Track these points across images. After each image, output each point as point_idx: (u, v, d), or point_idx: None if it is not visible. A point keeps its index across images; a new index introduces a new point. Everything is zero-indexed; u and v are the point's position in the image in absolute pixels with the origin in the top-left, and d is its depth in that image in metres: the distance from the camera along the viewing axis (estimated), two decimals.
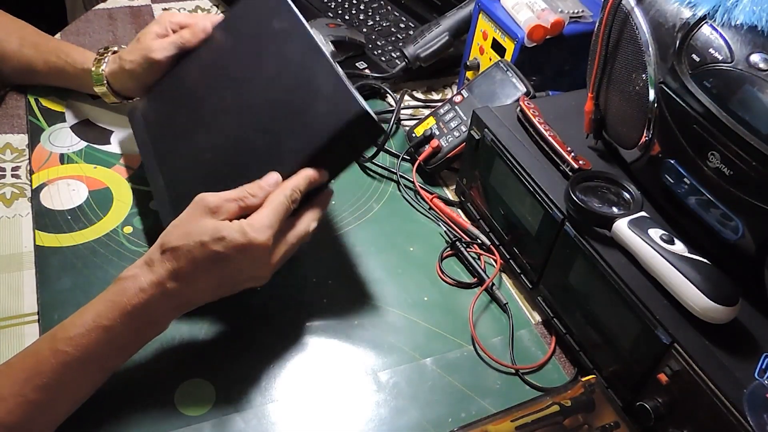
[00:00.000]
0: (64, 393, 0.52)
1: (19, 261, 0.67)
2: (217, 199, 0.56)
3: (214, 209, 0.56)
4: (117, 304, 0.52)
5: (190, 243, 0.54)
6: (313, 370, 0.62)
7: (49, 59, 0.82)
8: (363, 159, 0.84)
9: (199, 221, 0.55)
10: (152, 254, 0.55)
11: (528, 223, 0.67)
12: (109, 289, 0.54)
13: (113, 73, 0.78)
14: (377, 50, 1.03)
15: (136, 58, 0.76)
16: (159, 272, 0.53)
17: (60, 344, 0.51)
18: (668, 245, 0.54)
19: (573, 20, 0.82)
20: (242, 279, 0.58)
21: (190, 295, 0.55)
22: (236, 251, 0.54)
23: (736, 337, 0.52)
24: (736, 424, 0.47)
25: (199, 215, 0.56)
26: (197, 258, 0.54)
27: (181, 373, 0.60)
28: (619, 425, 0.55)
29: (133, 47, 0.77)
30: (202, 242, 0.53)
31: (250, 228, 0.55)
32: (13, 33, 0.83)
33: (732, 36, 0.51)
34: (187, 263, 0.54)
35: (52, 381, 0.51)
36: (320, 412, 0.59)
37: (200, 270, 0.54)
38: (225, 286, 0.57)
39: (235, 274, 0.57)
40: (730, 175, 0.51)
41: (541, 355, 0.66)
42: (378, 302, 0.69)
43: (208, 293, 0.57)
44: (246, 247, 0.54)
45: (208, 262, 0.54)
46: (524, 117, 0.70)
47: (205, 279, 0.55)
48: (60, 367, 0.51)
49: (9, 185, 0.75)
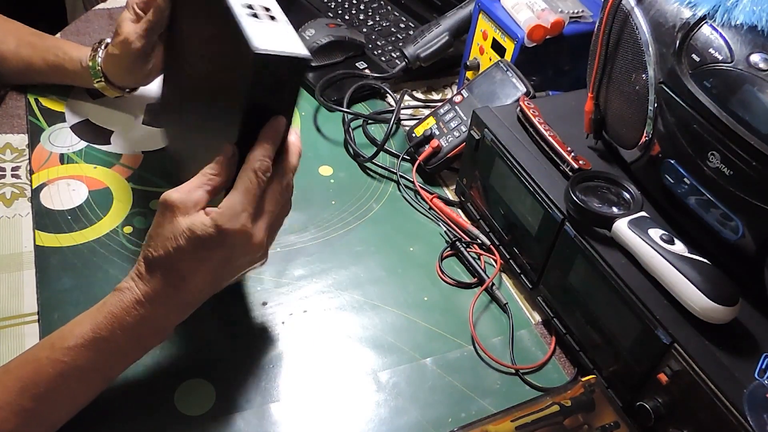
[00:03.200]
0: (61, 402, 0.52)
1: (19, 261, 0.67)
2: (180, 194, 0.53)
3: (181, 206, 0.53)
4: (116, 317, 0.51)
5: (169, 249, 0.52)
6: (313, 370, 0.62)
7: (47, 57, 0.82)
8: (363, 159, 0.84)
9: (170, 224, 0.53)
10: (139, 267, 0.54)
11: (528, 223, 0.67)
12: (107, 299, 0.53)
13: (106, 65, 0.78)
14: (377, 50, 1.03)
15: (119, 50, 0.75)
16: (151, 284, 0.52)
17: (58, 354, 0.50)
18: (668, 245, 0.54)
19: (573, 20, 0.82)
20: (236, 266, 0.56)
21: (188, 297, 0.54)
22: (214, 245, 0.52)
23: (736, 337, 0.52)
24: (736, 424, 0.47)
25: (169, 217, 0.53)
26: (180, 262, 0.52)
27: (181, 373, 0.60)
28: (619, 425, 0.55)
29: (115, 38, 0.76)
30: (178, 246, 0.52)
31: (221, 217, 0.52)
32: (9, 33, 0.83)
33: (732, 36, 0.51)
34: (174, 270, 0.52)
35: (50, 390, 0.50)
36: (320, 412, 0.59)
37: (188, 272, 0.53)
38: (222, 278, 0.56)
39: (224, 265, 0.55)
40: (730, 175, 0.51)
41: (541, 355, 0.66)
42: (378, 302, 0.69)
43: (206, 290, 0.55)
44: (222, 238, 0.52)
45: (193, 262, 0.52)
46: (524, 117, 0.70)
47: (197, 278, 0.53)
48: (58, 377, 0.50)
49: (9, 185, 0.75)
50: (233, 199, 0.53)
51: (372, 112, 0.92)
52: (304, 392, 0.60)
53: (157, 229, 0.53)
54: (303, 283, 0.70)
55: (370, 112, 0.92)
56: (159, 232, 0.53)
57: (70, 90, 0.87)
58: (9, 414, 0.49)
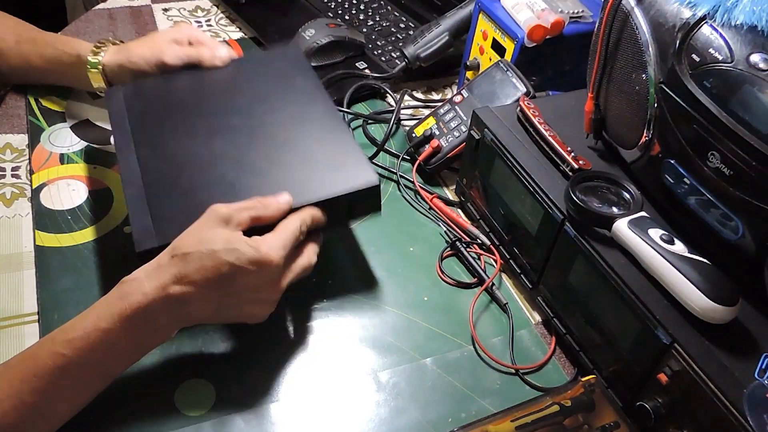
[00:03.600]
0: (61, 397, 0.52)
1: (19, 261, 0.67)
2: (229, 209, 0.56)
3: (226, 218, 0.55)
4: (117, 307, 0.52)
5: (201, 250, 0.53)
6: (313, 370, 0.62)
7: (46, 52, 0.81)
8: None
9: (212, 229, 0.54)
10: (161, 258, 0.54)
11: (528, 223, 0.67)
12: (112, 291, 0.53)
13: (115, 63, 0.77)
14: (377, 50, 1.03)
15: (147, 56, 0.75)
16: (164, 276, 0.53)
17: (58, 347, 0.51)
18: (668, 245, 0.54)
19: (573, 20, 0.82)
20: (247, 299, 0.56)
21: (191, 305, 0.54)
22: (248, 264, 0.53)
23: (736, 337, 0.52)
24: (736, 424, 0.47)
25: (212, 224, 0.55)
26: (206, 266, 0.53)
27: (181, 373, 0.60)
28: (619, 425, 0.55)
29: (145, 45, 0.76)
30: (213, 250, 0.53)
31: (264, 245, 0.54)
32: (9, 30, 0.83)
33: (732, 36, 0.51)
34: (195, 270, 0.53)
35: (50, 384, 0.50)
36: (320, 412, 0.59)
37: (207, 279, 0.53)
38: (229, 305, 0.56)
39: (241, 291, 0.55)
40: (730, 175, 0.51)
41: (541, 355, 0.66)
42: (378, 302, 0.69)
43: (210, 308, 0.55)
44: (259, 262, 0.53)
45: (217, 272, 0.53)
46: (524, 117, 0.70)
47: (210, 290, 0.53)
48: (57, 371, 0.50)
49: (9, 185, 0.75)
50: (278, 235, 0.56)
51: (372, 112, 0.92)
52: (304, 392, 0.60)
53: (198, 229, 0.55)
54: (303, 283, 0.70)
55: (370, 112, 0.92)
56: (199, 231, 0.55)
57: (70, 90, 0.87)
58: (9, 408, 0.49)
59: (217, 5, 1.13)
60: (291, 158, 0.66)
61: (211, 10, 1.12)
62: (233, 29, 1.07)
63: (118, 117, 0.70)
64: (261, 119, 0.70)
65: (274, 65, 0.78)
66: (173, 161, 0.66)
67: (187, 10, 1.11)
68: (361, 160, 0.66)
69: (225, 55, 0.76)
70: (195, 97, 0.73)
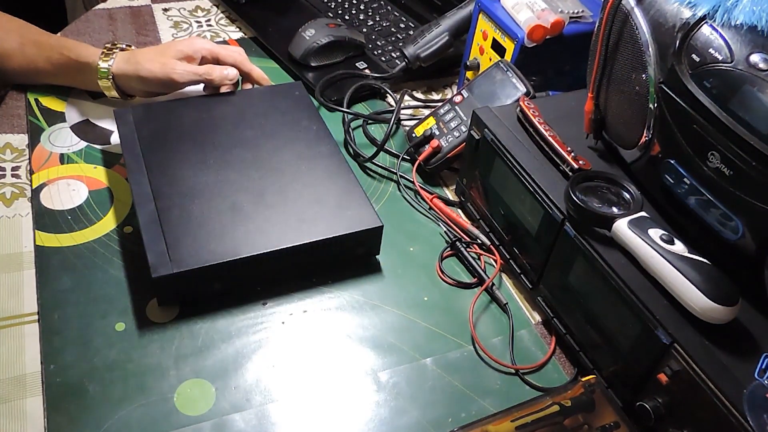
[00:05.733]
0: None
1: (19, 261, 0.67)
2: None
3: None
4: None
5: None
6: (313, 370, 0.62)
7: (52, 56, 0.82)
8: (363, 159, 0.84)
9: None
10: None
11: (528, 223, 0.67)
12: None
13: (125, 73, 0.79)
14: (377, 50, 1.03)
15: (156, 72, 0.78)
16: None
17: None
18: (668, 245, 0.54)
19: (573, 20, 0.82)
20: None
21: None
22: None
23: (736, 337, 0.52)
24: (736, 424, 0.47)
25: None
26: None
27: (181, 373, 0.60)
28: (619, 425, 0.55)
29: (156, 60, 0.78)
30: None
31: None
32: (13, 32, 0.83)
33: (732, 36, 0.51)
34: None
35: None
36: (320, 412, 0.59)
37: None
38: None
39: None
40: (730, 175, 0.51)
41: (541, 355, 0.66)
42: (378, 302, 0.69)
43: None
44: None
45: None
46: (524, 117, 0.70)
47: None
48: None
49: (9, 185, 0.75)
50: None
51: (372, 112, 0.92)
52: (304, 392, 0.60)
53: None
54: (303, 283, 0.70)
55: (370, 112, 0.92)
56: None
57: (70, 90, 0.87)
58: None
59: (217, 5, 1.13)
60: (299, 195, 0.70)
61: (211, 10, 1.12)
62: (233, 29, 1.07)
63: (128, 140, 0.74)
64: (269, 154, 0.74)
65: (280, 101, 0.82)
66: (185, 189, 0.69)
67: (187, 10, 1.11)
68: (365, 203, 0.70)
69: (234, 78, 0.83)
70: (204, 126, 0.77)
